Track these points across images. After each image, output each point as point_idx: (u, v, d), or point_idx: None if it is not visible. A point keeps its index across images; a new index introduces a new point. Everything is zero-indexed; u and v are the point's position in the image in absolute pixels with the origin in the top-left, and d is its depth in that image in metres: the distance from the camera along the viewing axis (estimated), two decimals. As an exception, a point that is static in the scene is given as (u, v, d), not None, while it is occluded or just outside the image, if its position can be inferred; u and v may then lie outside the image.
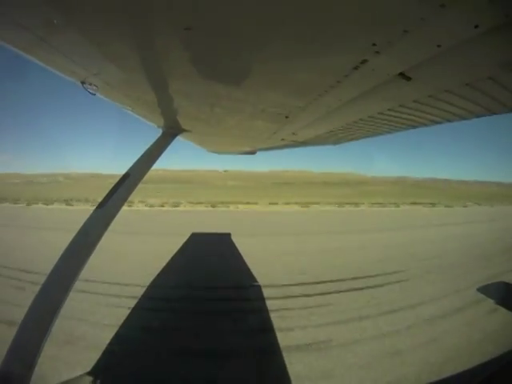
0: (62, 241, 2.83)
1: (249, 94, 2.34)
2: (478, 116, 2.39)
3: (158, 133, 3.76)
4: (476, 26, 1.08)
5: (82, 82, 2.12)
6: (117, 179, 3.04)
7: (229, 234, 15.66)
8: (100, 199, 2.86)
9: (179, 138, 3.99)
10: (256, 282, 8.89)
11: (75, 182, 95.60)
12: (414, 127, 3.00)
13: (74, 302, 5.42)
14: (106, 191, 2.93)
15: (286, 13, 1.13)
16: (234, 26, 1.28)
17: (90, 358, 4.93)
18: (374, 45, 1.27)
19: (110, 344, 5.44)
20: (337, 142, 4.59)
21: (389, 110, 2.49)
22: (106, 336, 5.68)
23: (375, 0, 1.02)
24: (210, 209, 36.77)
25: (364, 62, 1.44)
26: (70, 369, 4.57)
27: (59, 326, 2.46)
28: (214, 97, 2.50)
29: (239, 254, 12.02)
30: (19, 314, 2.29)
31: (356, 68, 1.51)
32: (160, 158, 3.53)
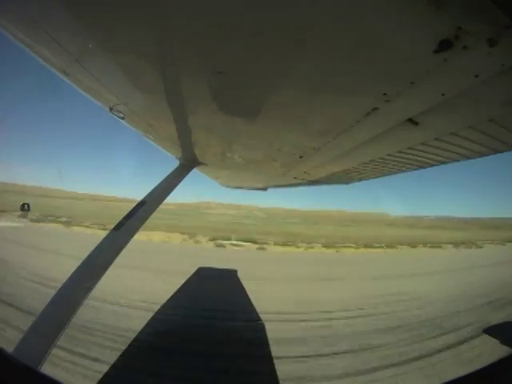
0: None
1: (266, 134, 2.50)
2: (482, 155, 2.49)
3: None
4: (476, 76, 1.21)
5: (110, 108, 2.31)
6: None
7: None
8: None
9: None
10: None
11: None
12: (422, 167, 3.09)
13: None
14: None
15: (306, 64, 1.29)
16: (257, 73, 1.44)
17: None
18: (384, 94, 1.42)
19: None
20: (348, 181, 4.69)
21: (398, 151, 2.61)
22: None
23: (385, 55, 1.17)
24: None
25: (375, 109, 1.58)
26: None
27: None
28: (232, 135, 2.67)
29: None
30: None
31: (368, 114, 1.65)
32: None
